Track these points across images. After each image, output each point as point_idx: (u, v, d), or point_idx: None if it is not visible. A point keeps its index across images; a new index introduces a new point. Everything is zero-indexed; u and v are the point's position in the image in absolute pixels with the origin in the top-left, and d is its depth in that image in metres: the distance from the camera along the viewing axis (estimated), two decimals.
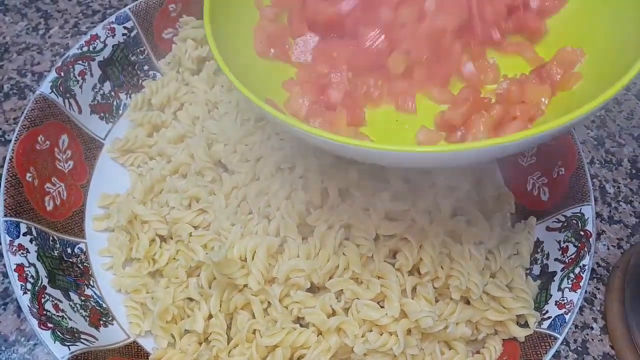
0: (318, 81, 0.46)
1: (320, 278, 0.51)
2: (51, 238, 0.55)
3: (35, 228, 0.54)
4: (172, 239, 0.58)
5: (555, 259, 0.55)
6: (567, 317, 0.49)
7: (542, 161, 0.62)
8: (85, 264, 0.57)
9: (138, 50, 0.69)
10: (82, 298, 0.54)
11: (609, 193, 0.70)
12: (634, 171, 0.72)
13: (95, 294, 0.56)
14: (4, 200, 0.52)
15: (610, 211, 0.68)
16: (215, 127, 0.62)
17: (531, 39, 0.47)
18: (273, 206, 0.55)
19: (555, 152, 0.60)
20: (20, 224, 0.52)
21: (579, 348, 0.58)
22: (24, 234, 0.52)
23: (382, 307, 0.50)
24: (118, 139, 0.65)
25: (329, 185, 0.55)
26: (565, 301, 0.51)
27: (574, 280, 0.52)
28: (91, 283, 0.56)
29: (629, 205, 0.69)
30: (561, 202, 0.58)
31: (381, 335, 0.48)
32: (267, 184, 0.56)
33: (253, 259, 0.51)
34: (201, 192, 0.57)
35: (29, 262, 0.51)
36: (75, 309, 0.52)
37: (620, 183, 0.71)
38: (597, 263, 0.64)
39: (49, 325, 0.48)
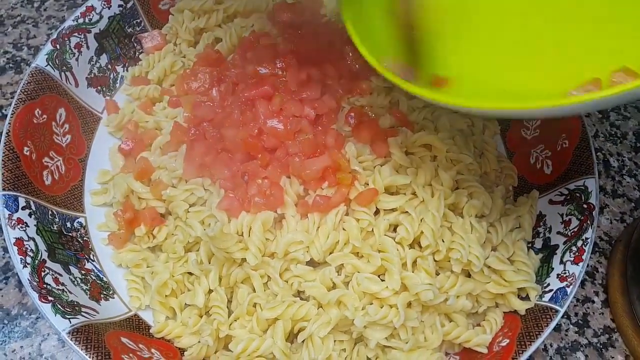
0: None
1: (321, 255, 0.50)
2: (50, 212, 0.55)
3: (34, 202, 0.53)
4: (170, 214, 0.58)
5: (558, 232, 0.55)
6: (568, 289, 0.49)
7: (546, 134, 0.61)
8: (85, 238, 0.57)
9: (134, 21, 0.68)
10: (83, 272, 0.54)
11: (613, 167, 0.69)
12: (638, 145, 0.71)
13: (95, 267, 0.56)
14: (2, 174, 0.52)
15: (613, 185, 0.68)
16: None
17: None
18: None
19: (559, 125, 0.59)
20: (19, 197, 0.52)
21: (579, 321, 0.58)
22: (23, 208, 0.52)
23: (382, 280, 0.50)
24: (115, 113, 0.64)
25: None
26: (567, 274, 0.50)
27: (576, 253, 0.51)
28: (91, 257, 0.56)
29: (632, 178, 0.68)
30: (564, 175, 0.57)
31: (381, 308, 0.48)
32: None
33: (249, 235, 0.51)
34: None
35: (28, 236, 0.51)
36: (75, 282, 0.52)
37: (624, 157, 0.70)
38: (600, 237, 0.64)
39: (50, 298, 0.48)
